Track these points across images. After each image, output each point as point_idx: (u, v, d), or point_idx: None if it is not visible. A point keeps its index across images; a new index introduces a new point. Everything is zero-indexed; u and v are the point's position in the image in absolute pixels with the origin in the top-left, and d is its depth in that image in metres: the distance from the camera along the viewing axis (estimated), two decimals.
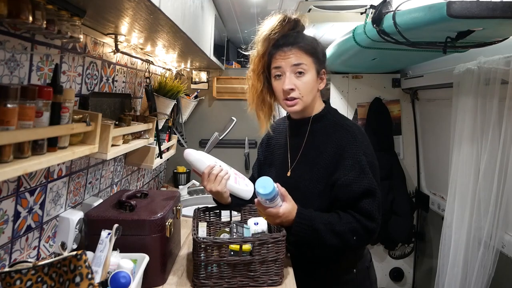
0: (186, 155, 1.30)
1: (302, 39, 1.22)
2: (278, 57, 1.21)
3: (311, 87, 1.21)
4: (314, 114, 1.28)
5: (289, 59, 1.19)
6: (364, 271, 1.28)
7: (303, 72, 1.19)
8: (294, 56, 1.19)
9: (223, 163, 1.31)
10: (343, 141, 1.20)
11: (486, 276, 1.57)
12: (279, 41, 1.22)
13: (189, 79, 2.77)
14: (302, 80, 1.20)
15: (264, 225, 1.25)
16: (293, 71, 1.19)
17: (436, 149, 2.33)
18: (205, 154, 1.31)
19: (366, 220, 1.14)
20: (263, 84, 1.27)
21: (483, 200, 1.61)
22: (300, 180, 1.24)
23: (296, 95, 1.20)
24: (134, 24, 1.18)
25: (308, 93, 1.21)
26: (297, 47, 1.20)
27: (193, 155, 1.29)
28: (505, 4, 1.02)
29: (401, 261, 2.59)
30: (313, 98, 1.24)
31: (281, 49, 1.21)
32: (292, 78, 1.20)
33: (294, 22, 1.24)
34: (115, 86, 1.59)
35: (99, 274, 0.97)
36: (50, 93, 0.91)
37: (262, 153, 1.45)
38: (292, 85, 1.19)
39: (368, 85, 2.56)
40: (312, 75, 1.21)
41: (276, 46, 1.22)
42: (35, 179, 1.08)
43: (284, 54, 1.20)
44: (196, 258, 1.12)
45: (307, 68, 1.19)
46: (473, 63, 1.64)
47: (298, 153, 1.27)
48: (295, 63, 1.19)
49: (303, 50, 1.20)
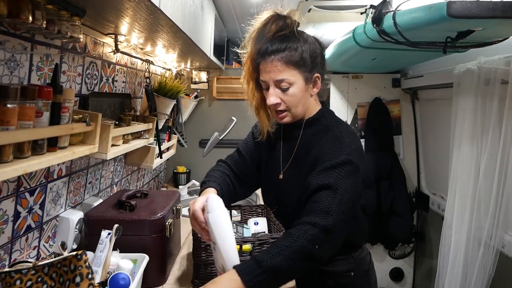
0: (211, 209, 1.00)
1: (287, 46, 1.12)
2: (262, 68, 1.15)
3: (298, 99, 1.15)
4: (307, 118, 1.22)
5: (272, 74, 1.12)
6: (362, 274, 1.25)
7: (287, 87, 1.13)
8: (277, 70, 1.11)
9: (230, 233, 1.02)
10: (327, 144, 1.14)
11: (486, 276, 1.57)
12: (263, 47, 1.13)
13: (189, 79, 2.77)
14: (287, 94, 1.13)
15: (264, 225, 1.25)
16: (277, 85, 1.13)
17: (436, 149, 2.33)
18: (228, 223, 1.02)
19: (322, 218, 0.98)
20: (256, 88, 1.22)
21: (483, 200, 1.60)
22: (291, 184, 1.21)
23: (283, 107, 1.16)
24: (134, 24, 1.18)
25: (296, 105, 1.16)
26: (279, 58, 1.11)
27: (218, 216, 1.00)
28: (505, 4, 1.02)
29: (401, 261, 2.59)
30: (303, 106, 1.19)
31: (264, 58, 1.13)
32: (277, 91, 1.14)
33: (282, 22, 1.14)
34: (115, 86, 1.59)
35: (99, 274, 0.97)
36: (50, 93, 0.91)
37: (254, 144, 1.37)
38: (277, 100, 1.14)
39: (368, 85, 2.55)
40: (298, 87, 1.14)
41: (260, 53, 1.14)
42: (35, 179, 1.08)
43: (267, 66, 1.13)
44: (196, 258, 1.12)
45: (291, 81, 1.12)
46: (473, 63, 1.64)
47: (290, 157, 1.24)
48: (277, 79, 1.12)
49: (285, 62, 1.11)
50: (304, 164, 1.19)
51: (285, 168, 1.25)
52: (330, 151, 1.11)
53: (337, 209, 1.00)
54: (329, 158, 1.09)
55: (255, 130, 1.37)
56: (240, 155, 1.36)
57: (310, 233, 0.96)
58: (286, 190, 1.22)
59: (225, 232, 0.98)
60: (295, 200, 1.18)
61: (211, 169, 1.33)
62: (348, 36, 1.74)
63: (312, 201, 1.04)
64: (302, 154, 1.22)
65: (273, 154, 1.31)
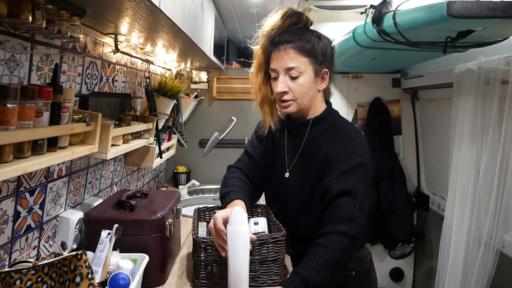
0: (235, 222, 0.99)
1: (300, 36, 1.16)
2: (274, 57, 1.18)
3: (306, 89, 1.17)
4: (314, 116, 1.23)
5: (283, 61, 1.15)
6: (363, 273, 1.26)
7: (297, 76, 1.15)
8: (288, 57, 1.15)
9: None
10: (339, 145, 1.15)
11: (486, 276, 1.57)
12: (277, 37, 1.17)
13: (189, 79, 2.77)
14: (296, 83, 1.16)
15: (264, 225, 1.25)
16: (287, 73, 1.16)
17: (436, 149, 2.33)
18: (246, 243, 1.00)
19: (349, 226, 1.03)
20: (264, 81, 1.24)
21: (483, 200, 1.61)
22: (297, 183, 1.22)
23: (289, 97, 1.17)
24: (134, 24, 1.17)
25: (303, 96, 1.17)
26: (292, 46, 1.15)
27: (239, 232, 0.98)
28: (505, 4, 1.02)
29: (401, 261, 2.59)
30: (310, 100, 1.20)
31: (276, 47, 1.17)
32: (286, 80, 1.16)
33: (297, 17, 1.18)
34: (115, 86, 1.59)
35: (99, 274, 0.97)
36: (50, 93, 0.91)
37: (261, 144, 1.36)
38: (285, 88, 1.16)
39: (368, 85, 2.56)
40: (308, 77, 1.16)
41: (274, 43, 1.18)
42: (35, 179, 1.08)
43: (279, 54, 1.16)
44: (196, 258, 1.12)
45: (302, 70, 1.15)
46: (473, 63, 1.64)
47: (296, 155, 1.25)
48: (288, 67, 1.15)
49: (297, 50, 1.15)
50: (312, 163, 1.20)
51: (291, 167, 1.26)
52: (343, 152, 1.13)
53: (360, 215, 1.06)
54: (343, 160, 1.12)
55: (258, 129, 1.37)
56: (251, 158, 1.34)
57: (344, 243, 1.01)
58: (291, 188, 1.23)
59: (240, 250, 0.98)
60: (302, 199, 1.19)
61: (229, 177, 1.28)
62: (348, 36, 1.74)
63: (334, 208, 1.07)
64: (309, 153, 1.22)
65: (277, 152, 1.32)
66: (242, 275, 0.99)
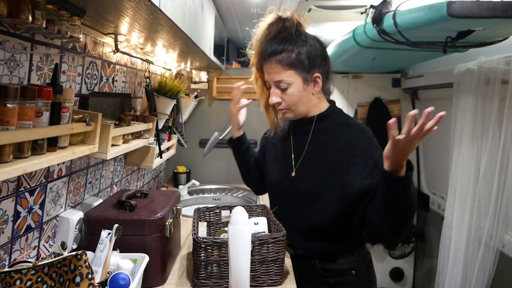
0: (236, 222, 1.03)
1: (284, 47, 1.17)
2: (264, 69, 1.22)
3: (298, 98, 1.20)
4: (318, 113, 1.26)
5: (271, 75, 1.20)
6: (363, 272, 1.27)
7: (286, 87, 1.19)
8: (274, 71, 1.18)
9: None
10: (353, 139, 1.19)
11: (486, 276, 1.57)
12: (264, 49, 1.20)
13: (189, 79, 2.77)
14: (286, 94, 1.20)
15: (264, 225, 1.25)
16: (276, 86, 1.20)
17: (436, 149, 2.33)
18: (247, 244, 1.03)
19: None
20: (264, 88, 1.28)
21: (483, 200, 1.61)
22: (304, 180, 1.23)
23: (283, 106, 1.23)
24: (134, 24, 1.17)
25: (296, 103, 1.21)
26: (276, 60, 1.17)
27: (240, 232, 1.02)
28: (505, 4, 1.02)
29: (401, 261, 2.59)
30: (305, 105, 1.23)
31: (265, 60, 1.20)
32: (278, 91, 1.21)
33: (282, 24, 1.18)
34: (115, 86, 1.59)
35: (99, 274, 0.97)
36: (50, 93, 0.91)
37: (265, 147, 1.46)
38: (277, 99, 1.21)
39: (368, 85, 2.56)
40: (297, 86, 1.19)
41: (262, 55, 1.21)
42: (35, 179, 1.08)
43: (267, 68, 1.20)
44: (196, 258, 1.12)
45: (289, 81, 1.18)
46: (473, 63, 1.64)
47: (302, 152, 1.26)
48: (275, 80, 1.19)
49: (281, 64, 1.17)
50: (320, 158, 1.22)
51: (297, 165, 1.27)
52: (362, 145, 1.17)
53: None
54: (367, 154, 1.16)
55: (263, 141, 1.51)
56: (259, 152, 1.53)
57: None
58: (298, 185, 1.24)
59: (241, 250, 1.00)
60: (310, 194, 1.21)
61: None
62: (348, 36, 1.74)
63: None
64: (316, 148, 1.24)
65: (283, 154, 1.34)
66: (243, 274, 1.00)
